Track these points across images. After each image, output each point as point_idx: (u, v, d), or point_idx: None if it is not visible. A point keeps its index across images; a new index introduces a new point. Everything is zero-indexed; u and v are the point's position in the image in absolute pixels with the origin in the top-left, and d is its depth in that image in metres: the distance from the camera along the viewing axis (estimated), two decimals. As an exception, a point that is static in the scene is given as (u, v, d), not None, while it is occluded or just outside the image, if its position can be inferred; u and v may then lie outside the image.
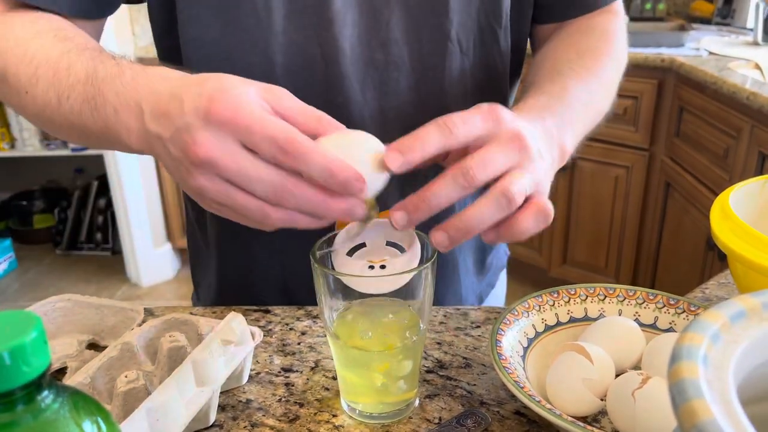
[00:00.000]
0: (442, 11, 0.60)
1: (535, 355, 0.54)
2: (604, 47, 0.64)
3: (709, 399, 0.22)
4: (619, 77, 0.65)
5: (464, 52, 0.62)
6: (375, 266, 0.44)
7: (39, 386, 0.26)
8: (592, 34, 0.66)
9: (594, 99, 0.59)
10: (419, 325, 0.48)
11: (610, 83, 0.63)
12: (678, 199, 1.92)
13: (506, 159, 0.44)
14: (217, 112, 0.40)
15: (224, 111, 0.39)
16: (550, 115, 0.52)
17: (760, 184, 0.60)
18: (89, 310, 0.60)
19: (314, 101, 0.50)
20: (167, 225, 2.71)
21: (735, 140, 1.62)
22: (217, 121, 0.40)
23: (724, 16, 2.46)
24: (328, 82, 0.60)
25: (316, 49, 0.59)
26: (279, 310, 0.66)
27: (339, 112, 0.56)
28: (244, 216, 0.44)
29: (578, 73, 0.59)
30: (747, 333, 0.26)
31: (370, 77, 0.61)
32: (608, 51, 0.64)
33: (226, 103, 0.40)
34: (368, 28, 0.59)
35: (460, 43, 0.61)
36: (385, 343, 0.48)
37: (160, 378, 0.51)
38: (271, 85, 0.44)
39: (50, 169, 3.10)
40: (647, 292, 0.58)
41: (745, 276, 0.53)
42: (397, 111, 0.62)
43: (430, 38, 0.60)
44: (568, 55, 0.62)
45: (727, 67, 1.78)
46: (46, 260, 2.94)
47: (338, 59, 0.59)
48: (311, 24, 0.58)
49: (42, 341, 0.25)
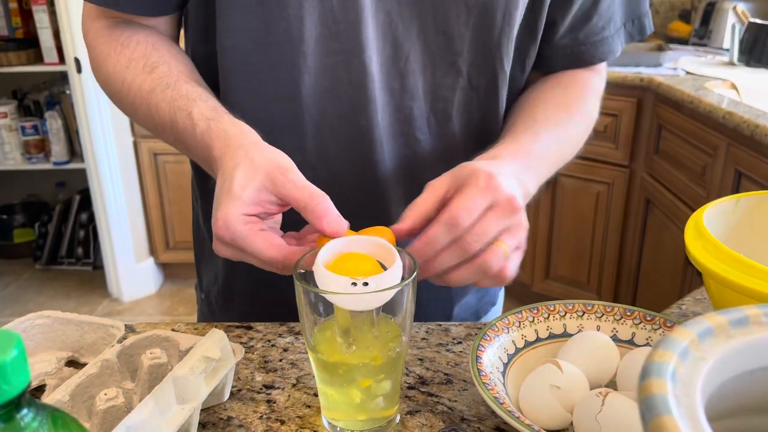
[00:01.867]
0: (457, 51, 0.63)
1: (516, 371, 0.55)
2: (580, 105, 0.70)
3: (677, 415, 0.23)
4: (587, 133, 0.71)
5: (473, 88, 0.66)
6: (358, 283, 0.45)
7: (18, 405, 0.26)
8: (573, 89, 0.71)
9: (561, 150, 0.66)
10: (401, 336, 0.49)
11: (577, 137, 0.69)
12: (658, 215, 1.95)
13: (500, 226, 0.51)
14: (218, 235, 0.50)
15: (224, 236, 0.50)
16: (520, 160, 0.58)
17: (733, 202, 0.62)
18: (68, 327, 0.60)
19: (340, 123, 0.62)
20: (150, 239, 2.69)
21: (712, 158, 1.65)
22: (222, 240, 0.50)
23: (701, 36, 2.52)
24: (353, 105, 0.63)
25: (343, 73, 0.61)
26: (261, 327, 0.66)
27: (363, 134, 0.63)
28: None
29: (551, 126, 0.65)
30: (714, 350, 0.27)
31: (388, 103, 0.64)
32: (582, 109, 0.70)
33: (224, 228, 0.49)
34: (390, 57, 0.62)
35: (470, 80, 0.65)
36: (368, 355, 0.48)
37: (140, 395, 0.51)
38: (276, 167, 0.51)
39: (31, 183, 3.06)
40: (625, 309, 0.59)
41: (718, 293, 0.54)
42: (409, 137, 0.66)
43: (444, 73, 0.64)
44: (545, 106, 0.67)
45: (703, 86, 1.82)
46: (26, 275, 2.90)
47: (366, 84, 0.62)
48: (342, 49, 0.61)
49: (22, 360, 0.25)
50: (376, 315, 0.48)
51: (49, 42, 2.51)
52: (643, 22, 0.72)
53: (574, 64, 0.72)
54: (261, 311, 0.72)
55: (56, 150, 2.66)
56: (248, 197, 0.50)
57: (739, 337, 0.28)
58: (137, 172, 2.57)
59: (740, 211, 0.61)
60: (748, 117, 1.48)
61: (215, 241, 0.52)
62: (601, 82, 0.74)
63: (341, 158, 0.65)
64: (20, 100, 2.76)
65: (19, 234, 3.00)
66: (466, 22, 0.62)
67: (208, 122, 0.56)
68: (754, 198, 0.61)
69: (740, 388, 0.28)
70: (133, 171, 2.56)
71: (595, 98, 0.72)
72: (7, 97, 2.78)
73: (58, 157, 2.67)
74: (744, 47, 2.15)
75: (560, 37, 0.70)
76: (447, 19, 0.61)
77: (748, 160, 1.50)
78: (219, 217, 0.50)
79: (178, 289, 2.77)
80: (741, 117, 1.49)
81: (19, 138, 2.67)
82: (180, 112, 0.58)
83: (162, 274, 2.82)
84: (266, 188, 0.50)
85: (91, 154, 2.45)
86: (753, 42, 2.13)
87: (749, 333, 0.28)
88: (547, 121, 0.65)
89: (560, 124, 0.66)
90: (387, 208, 0.67)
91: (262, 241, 0.50)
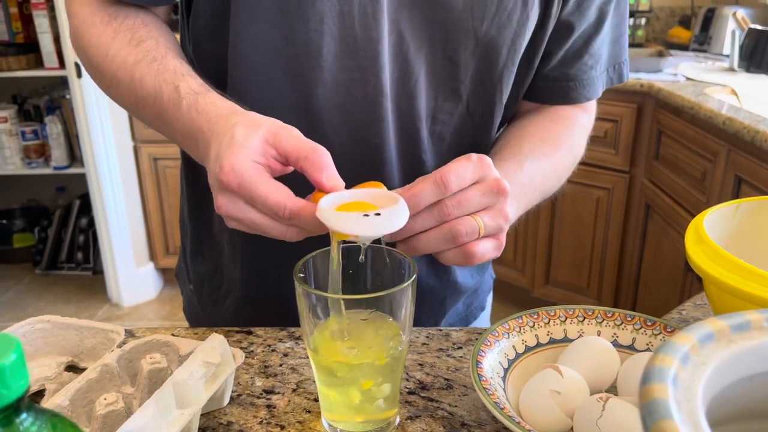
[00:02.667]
0: (460, 78, 0.65)
1: (516, 376, 0.54)
2: (566, 140, 0.72)
3: (678, 420, 0.23)
4: (572, 168, 0.73)
5: (470, 114, 0.68)
6: (369, 214, 0.46)
7: (17, 409, 0.26)
8: (560, 124, 0.73)
9: (544, 182, 0.68)
10: (401, 336, 0.49)
11: (561, 171, 0.71)
12: (658, 220, 1.95)
13: (482, 202, 0.53)
14: (224, 182, 0.48)
15: (230, 183, 0.48)
16: None
17: (733, 207, 0.62)
18: (68, 332, 0.60)
19: (351, 139, 0.63)
20: (150, 244, 2.69)
21: (712, 164, 1.65)
22: (227, 189, 0.49)
23: (701, 42, 2.52)
24: (365, 122, 0.63)
25: (359, 90, 0.62)
26: (261, 332, 0.66)
27: (374, 152, 0.64)
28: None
29: (536, 158, 0.67)
30: (715, 355, 0.27)
31: (396, 122, 0.65)
32: (568, 144, 0.72)
33: (232, 174, 0.48)
34: (400, 77, 0.63)
35: (468, 106, 0.67)
36: (369, 355, 0.48)
37: (140, 400, 0.50)
38: (278, 127, 0.50)
39: (31, 188, 3.06)
40: (625, 314, 0.59)
41: (719, 298, 0.54)
42: (415, 157, 0.67)
43: (445, 98, 0.66)
44: (532, 139, 0.69)
45: (703, 92, 1.82)
46: (26, 280, 2.90)
47: (381, 102, 0.62)
48: (359, 66, 0.61)
49: (21, 364, 0.25)
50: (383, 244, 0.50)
51: (50, 47, 2.51)
52: (622, 69, 0.75)
53: (562, 99, 0.73)
54: (258, 312, 0.72)
55: (56, 155, 2.66)
56: (254, 145, 0.49)
57: (740, 342, 0.28)
58: (137, 176, 2.57)
59: (741, 217, 0.61)
60: (748, 123, 1.48)
61: (218, 195, 0.50)
62: (589, 121, 0.76)
63: (351, 175, 0.64)
64: (20, 105, 2.76)
65: (18, 239, 3.00)
66: (473, 52, 0.63)
67: (195, 96, 0.55)
68: (755, 203, 0.61)
69: (741, 393, 0.28)
70: (133, 176, 2.56)
71: (582, 135, 0.74)
72: (7, 101, 2.78)
73: (58, 161, 2.67)
74: (744, 53, 2.16)
75: (551, 69, 0.71)
76: (455, 46, 0.63)
77: (749, 166, 1.50)
78: (225, 164, 0.48)
79: (177, 294, 2.76)
80: (741, 123, 1.49)
81: (19, 143, 2.67)
82: (166, 86, 0.57)
83: (162, 279, 2.81)
84: (268, 141, 0.49)
85: (91, 158, 2.45)
86: (753, 48, 2.14)
87: (750, 338, 0.28)
88: (533, 153, 0.67)
89: (545, 157, 0.68)
90: None
91: (270, 184, 0.48)
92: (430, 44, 0.62)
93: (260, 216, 0.49)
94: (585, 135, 0.75)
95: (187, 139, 0.56)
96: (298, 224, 0.49)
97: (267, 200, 0.48)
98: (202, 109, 0.54)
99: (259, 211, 0.49)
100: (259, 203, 0.48)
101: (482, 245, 0.54)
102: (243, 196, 0.48)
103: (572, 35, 0.68)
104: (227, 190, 0.49)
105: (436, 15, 0.61)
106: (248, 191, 0.48)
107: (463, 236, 0.52)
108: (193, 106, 0.54)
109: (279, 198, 0.48)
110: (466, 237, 0.53)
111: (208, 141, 0.52)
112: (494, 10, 0.61)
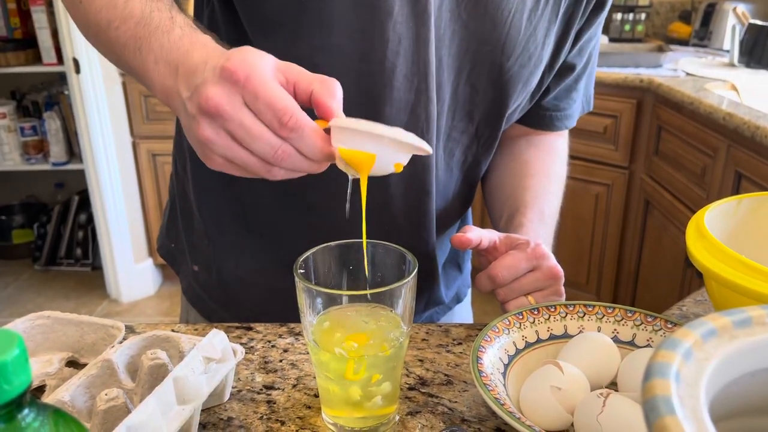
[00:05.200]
0: (477, 103, 0.69)
1: (516, 372, 0.54)
2: (561, 172, 0.83)
3: (681, 415, 0.23)
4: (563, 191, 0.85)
5: (477, 137, 0.73)
6: (385, 135, 0.46)
7: (19, 405, 0.26)
8: (552, 156, 0.82)
9: (556, 216, 0.79)
10: (401, 326, 0.49)
11: (559, 201, 0.82)
12: (657, 216, 1.95)
13: (537, 284, 0.63)
14: (230, 70, 0.43)
15: (237, 71, 0.43)
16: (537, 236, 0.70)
17: (734, 203, 0.62)
18: (69, 327, 0.60)
19: None
20: (149, 240, 2.69)
21: (712, 159, 1.65)
22: (229, 79, 0.43)
23: (701, 37, 2.52)
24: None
25: (422, 111, 0.65)
26: (261, 327, 0.66)
27: (423, 168, 0.68)
28: (247, 171, 0.47)
29: (549, 200, 0.78)
30: (718, 351, 0.27)
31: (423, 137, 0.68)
32: (561, 175, 0.83)
33: (242, 65, 0.43)
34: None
35: (477, 129, 0.72)
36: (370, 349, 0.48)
37: (140, 396, 0.50)
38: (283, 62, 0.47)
39: (30, 184, 3.06)
40: (625, 310, 0.59)
41: (719, 294, 0.54)
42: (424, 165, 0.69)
43: (460, 119, 0.70)
44: (540, 178, 0.78)
45: (703, 87, 1.82)
46: (25, 275, 2.90)
47: (434, 121, 0.66)
48: (418, 88, 0.64)
49: (23, 359, 0.25)
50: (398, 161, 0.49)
51: (48, 42, 2.50)
52: (591, 99, 0.85)
53: (547, 127, 0.81)
54: (261, 302, 0.74)
55: (55, 151, 2.66)
56: (268, 59, 0.45)
57: (742, 338, 0.28)
58: (136, 172, 2.57)
59: (741, 213, 0.61)
60: (748, 118, 1.48)
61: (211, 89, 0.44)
62: (566, 145, 0.87)
63: (399, 188, 0.69)
64: (19, 101, 2.76)
65: (17, 235, 3.00)
66: (494, 82, 0.68)
67: (191, 29, 0.51)
68: (756, 199, 0.61)
69: (744, 389, 0.28)
70: (131, 172, 2.56)
71: (564, 161, 0.85)
72: (6, 97, 2.78)
73: (57, 157, 2.67)
74: (744, 48, 2.15)
75: (545, 101, 0.79)
76: (479, 75, 0.67)
77: (749, 162, 1.50)
78: (234, 57, 0.44)
79: (177, 290, 2.75)
80: (741, 118, 1.49)
81: (18, 139, 2.66)
82: (158, 13, 0.52)
83: (161, 275, 2.81)
84: (279, 68, 0.46)
85: (90, 154, 2.44)
86: (753, 43, 2.14)
87: (752, 334, 0.28)
88: (545, 195, 0.77)
89: (553, 196, 0.78)
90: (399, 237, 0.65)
91: (280, 89, 0.44)
92: (458, 72, 0.67)
93: (254, 121, 0.44)
94: (566, 160, 0.86)
95: (161, 65, 0.49)
96: (296, 141, 0.44)
97: (274, 102, 0.43)
98: (196, 40, 0.49)
99: (255, 116, 0.44)
100: (263, 103, 0.43)
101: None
102: (247, 91, 0.43)
103: (572, 75, 0.76)
104: (229, 80, 0.43)
105: (470, 46, 0.65)
106: (255, 87, 0.43)
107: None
108: (185, 37, 0.50)
109: (288, 103, 0.43)
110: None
111: (195, 64, 0.47)
112: (520, 50, 0.67)
